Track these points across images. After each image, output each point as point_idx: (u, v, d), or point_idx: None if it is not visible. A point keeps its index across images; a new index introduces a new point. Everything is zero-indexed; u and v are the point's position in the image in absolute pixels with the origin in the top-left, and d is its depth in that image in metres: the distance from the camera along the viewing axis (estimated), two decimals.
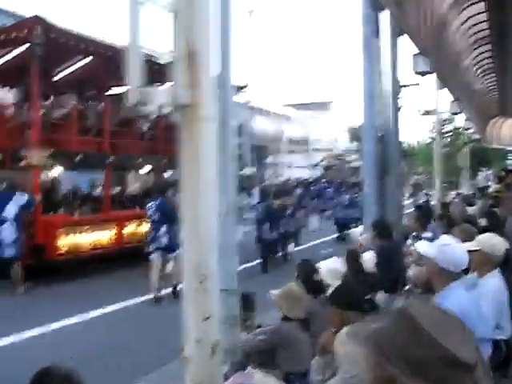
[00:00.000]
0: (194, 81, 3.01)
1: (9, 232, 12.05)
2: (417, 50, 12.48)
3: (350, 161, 47.47)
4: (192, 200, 3.04)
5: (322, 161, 45.21)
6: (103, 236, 14.27)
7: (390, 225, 8.55)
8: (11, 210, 12.13)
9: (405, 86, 12.82)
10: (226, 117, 5.41)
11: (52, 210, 14.34)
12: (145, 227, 14.08)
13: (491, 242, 5.11)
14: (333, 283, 6.71)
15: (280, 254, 16.62)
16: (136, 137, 16.68)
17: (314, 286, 6.17)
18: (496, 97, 28.88)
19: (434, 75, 17.09)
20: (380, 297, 6.74)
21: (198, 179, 3.09)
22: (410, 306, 1.59)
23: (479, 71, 23.87)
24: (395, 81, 11.37)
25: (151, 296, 11.19)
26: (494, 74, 24.12)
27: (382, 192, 10.91)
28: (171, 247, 11.07)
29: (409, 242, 9.54)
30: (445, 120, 20.66)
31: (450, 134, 24.90)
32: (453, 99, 18.83)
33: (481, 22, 15.66)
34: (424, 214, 9.83)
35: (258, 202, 16.27)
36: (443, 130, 22.83)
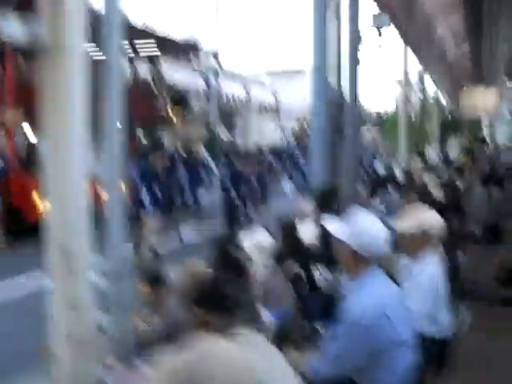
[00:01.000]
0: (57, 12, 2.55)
1: None
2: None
3: None
4: (55, 161, 2.30)
5: (293, 127, 44.16)
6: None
7: (333, 194, 7.57)
8: None
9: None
10: (111, 60, 4.32)
11: (30, 172, 13.78)
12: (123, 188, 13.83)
13: (430, 219, 4.15)
14: (260, 260, 5.82)
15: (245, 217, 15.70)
16: None
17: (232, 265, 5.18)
18: (469, 65, 28.06)
19: (402, 44, 16.09)
20: (320, 271, 6.32)
21: (63, 135, 2.26)
22: None
23: (451, 38, 22.98)
24: (354, 36, 10.34)
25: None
26: (466, 42, 23.30)
27: (335, 158, 9.94)
28: (152, 208, 11.07)
29: (352, 210, 8.68)
30: (412, 87, 19.52)
31: (419, 102, 23.64)
32: (421, 67, 17.63)
33: None
34: (373, 182, 8.95)
35: (224, 166, 15.39)
36: (412, 98, 21.75)
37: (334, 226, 3.37)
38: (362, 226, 3.17)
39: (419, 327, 3.86)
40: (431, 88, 24.45)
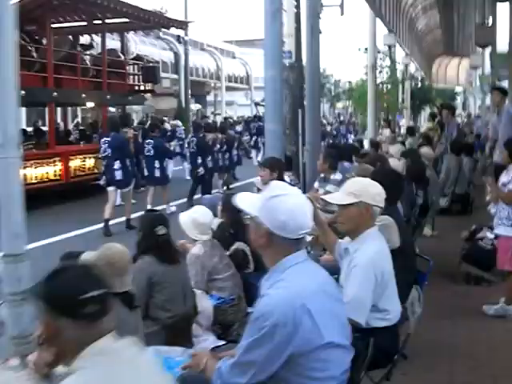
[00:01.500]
0: None
1: None
2: None
3: None
4: None
5: (263, 100, 43.35)
6: (49, 171, 14.05)
7: (283, 164, 6.93)
8: None
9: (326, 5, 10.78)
10: None
11: None
12: (91, 162, 14.79)
13: (371, 190, 3.49)
14: (196, 237, 5.17)
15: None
16: (80, 72, 16.13)
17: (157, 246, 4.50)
18: (440, 34, 27.49)
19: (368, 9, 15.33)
20: None
21: None
22: None
23: (420, 7, 22.37)
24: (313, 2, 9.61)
25: (98, 226, 10.80)
26: (437, 10, 22.70)
27: (295, 128, 9.27)
28: (124, 182, 11.03)
29: (316, 184, 8.06)
30: (379, 52, 18.59)
31: (386, 69, 22.70)
32: (387, 31, 16.84)
33: None
34: (334, 152, 8.28)
35: (192, 136, 14.82)
36: (379, 65, 20.91)
37: (246, 200, 2.70)
38: (280, 201, 2.50)
39: (360, 317, 3.26)
40: (401, 57, 23.57)
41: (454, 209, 10.28)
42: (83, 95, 16.12)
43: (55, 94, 14.59)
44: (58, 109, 20.59)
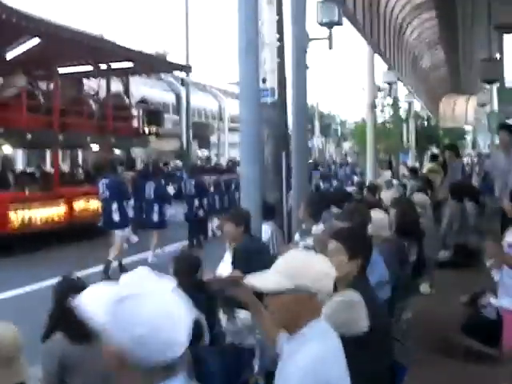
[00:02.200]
0: None
1: None
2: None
3: None
4: None
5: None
6: (53, 212, 14.26)
7: (249, 218, 5.91)
8: None
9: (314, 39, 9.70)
10: None
11: (3, 187, 14.40)
12: (94, 203, 14.46)
13: (312, 270, 2.43)
14: None
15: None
16: (85, 115, 16.64)
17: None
18: (446, 73, 26.60)
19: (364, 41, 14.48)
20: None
21: None
22: None
23: (424, 44, 21.55)
24: (300, 32, 8.71)
25: (99, 269, 10.72)
26: (442, 49, 21.88)
27: (278, 171, 8.31)
28: (121, 224, 11.05)
29: (296, 237, 7.05)
30: (379, 90, 17.48)
31: (389, 108, 21.46)
32: (387, 67, 15.79)
33: None
34: (317, 198, 7.30)
35: (189, 178, 14.98)
36: (380, 104, 19.89)
37: (94, 300, 1.68)
38: (134, 306, 1.51)
39: None
40: (404, 95, 22.46)
41: (457, 261, 9.16)
42: (88, 138, 16.34)
43: (61, 137, 14.95)
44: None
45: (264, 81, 8.41)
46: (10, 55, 14.95)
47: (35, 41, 14.09)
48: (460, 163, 11.91)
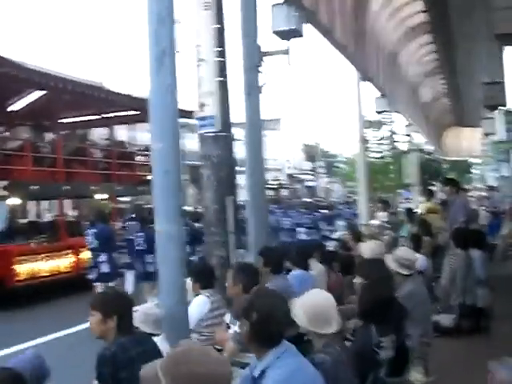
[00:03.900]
0: None
1: None
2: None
3: (304, 180, 42.69)
4: None
5: (272, 181, 40.26)
6: (60, 263, 14.03)
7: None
8: None
9: (267, 53, 7.31)
10: None
11: (9, 239, 14.05)
12: None
13: None
14: None
15: None
16: (90, 165, 16.53)
17: None
18: (448, 104, 24.54)
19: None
20: None
21: None
22: None
23: (423, 75, 19.56)
24: (250, 44, 6.76)
25: None
26: (443, 78, 19.87)
27: (222, 223, 6.23)
28: (111, 275, 10.41)
29: (227, 318, 5.02)
30: (371, 122, 15.19)
31: (382, 140, 18.91)
32: (379, 94, 13.41)
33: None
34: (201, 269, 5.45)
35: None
36: (374, 137, 17.67)
37: None
38: None
39: None
40: (404, 127, 20.12)
41: (464, 326, 6.95)
42: (93, 188, 16.09)
43: (65, 187, 14.84)
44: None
45: (202, 107, 6.41)
46: (14, 107, 15.22)
47: (39, 93, 14.29)
48: (462, 200, 9.59)
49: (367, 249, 6.51)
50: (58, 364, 6.46)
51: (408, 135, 19.68)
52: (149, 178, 18.45)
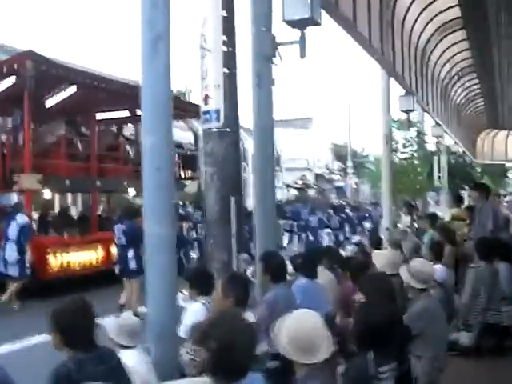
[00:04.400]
0: None
1: (11, 252, 11.84)
2: None
3: (333, 180, 41.99)
4: None
5: (298, 180, 39.58)
6: (91, 256, 14.25)
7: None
8: (14, 230, 11.91)
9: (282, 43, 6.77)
10: None
11: (43, 232, 14.74)
12: None
13: None
14: None
15: None
16: (122, 161, 17.04)
17: None
18: (483, 107, 23.68)
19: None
20: None
21: None
22: None
23: (458, 72, 18.80)
24: (261, 32, 6.32)
25: None
26: (476, 78, 19.08)
27: (225, 225, 5.80)
28: (137, 271, 10.03)
29: None
30: (395, 121, 14.48)
31: (409, 141, 18.04)
32: (404, 92, 12.72)
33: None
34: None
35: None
36: (403, 138, 16.94)
37: None
38: None
39: None
40: (433, 128, 19.24)
41: (486, 346, 6.35)
42: (125, 183, 16.34)
43: (98, 182, 15.17)
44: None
45: (206, 100, 5.96)
46: (49, 103, 15.22)
47: (73, 89, 14.39)
48: (492, 206, 8.87)
49: (381, 257, 5.97)
50: None
51: (438, 136, 18.83)
52: (181, 174, 18.50)
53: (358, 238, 11.61)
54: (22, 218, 12.08)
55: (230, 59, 6.00)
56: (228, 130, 5.90)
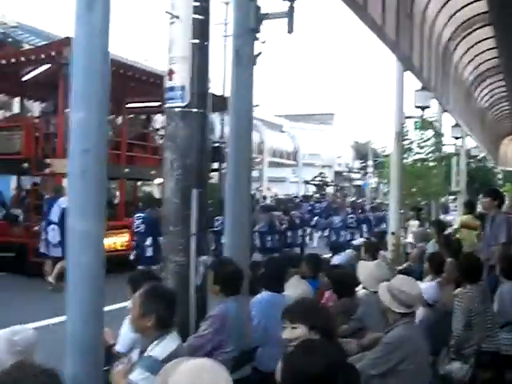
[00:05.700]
0: None
1: (54, 233, 11.96)
2: None
3: (352, 178, 40.89)
4: None
5: (316, 177, 38.47)
6: (117, 240, 14.36)
7: None
8: (56, 212, 12.00)
9: (267, 15, 5.77)
10: None
11: None
12: None
13: None
14: None
15: None
16: (150, 150, 17.07)
17: None
18: (509, 110, 22.47)
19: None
20: None
21: None
22: None
23: (482, 72, 17.65)
24: (246, 4, 5.46)
25: None
26: (502, 79, 17.92)
27: (185, 222, 4.97)
28: (154, 259, 10.15)
29: None
30: (408, 117, 13.39)
31: (426, 141, 16.82)
32: (420, 86, 11.66)
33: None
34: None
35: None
36: (419, 137, 15.80)
37: None
38: None
39: None
40: (453, 129, 18.07)
41: (483, 378, 5.33)
42: (153, 172, 16.36)
43: (127, 170, 15.36)
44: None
45: (170, 75, 5.08)
46: None
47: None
48: (505, 216, 7.79)
49: (364, 269, 5.02)
50: None
51: (457, 137, 17.66)
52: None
53: (362, 241, 10.59)
54: (64, 202, 11.74)
55: (201, 29, 5.07)
56: (194, 110, 4.96)
